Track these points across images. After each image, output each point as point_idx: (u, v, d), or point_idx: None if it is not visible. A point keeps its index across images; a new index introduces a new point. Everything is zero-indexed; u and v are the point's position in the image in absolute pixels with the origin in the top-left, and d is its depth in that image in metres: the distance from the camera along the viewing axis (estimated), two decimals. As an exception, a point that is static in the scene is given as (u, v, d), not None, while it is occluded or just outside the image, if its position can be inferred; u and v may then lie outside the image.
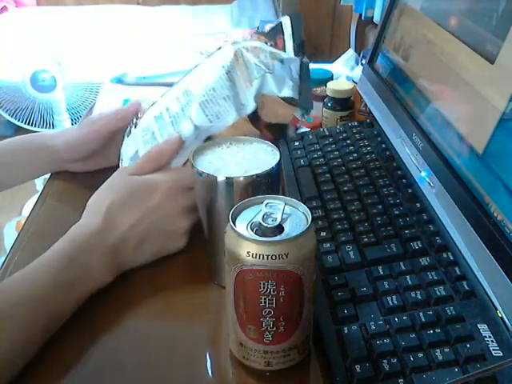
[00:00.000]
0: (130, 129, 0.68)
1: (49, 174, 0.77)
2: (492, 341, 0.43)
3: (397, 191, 0.62)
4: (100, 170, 0.75)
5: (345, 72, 1.10)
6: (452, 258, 0.51)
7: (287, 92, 0.59)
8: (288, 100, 0.59)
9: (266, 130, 0.58)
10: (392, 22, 0.78)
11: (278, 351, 0.45)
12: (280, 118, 0.61)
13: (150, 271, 0.59)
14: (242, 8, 2.45)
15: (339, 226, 0.59)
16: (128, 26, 2.40)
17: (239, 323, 0.45)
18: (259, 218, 0.42)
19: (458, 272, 0.49)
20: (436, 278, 0.49)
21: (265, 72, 0.59)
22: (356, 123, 0.81)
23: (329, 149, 0.75)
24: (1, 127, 2.48)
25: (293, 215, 0.43)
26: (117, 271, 0.56)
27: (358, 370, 0.43)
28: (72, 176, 0.76)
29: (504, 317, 0.43)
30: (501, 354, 0.42)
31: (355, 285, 0.51)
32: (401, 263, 0.52)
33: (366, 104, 0.82)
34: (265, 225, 0.41)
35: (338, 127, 0.81)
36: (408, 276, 0.50)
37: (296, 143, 0.79)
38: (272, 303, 0.42)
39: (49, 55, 2.06)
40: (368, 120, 0.81)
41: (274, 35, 0.68)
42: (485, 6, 0.55)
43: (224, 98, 0.59)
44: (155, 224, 0.57)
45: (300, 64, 0.63)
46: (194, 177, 0.53)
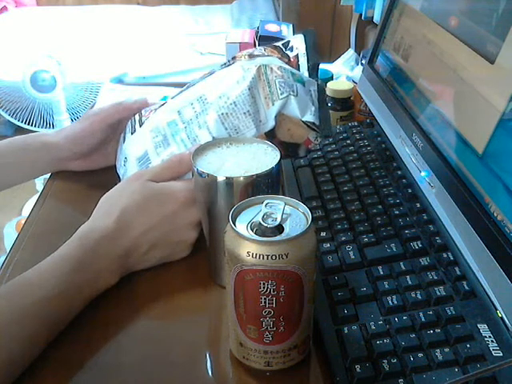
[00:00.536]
0: (134, 127, 0.67)
1: (49, 174, 0.77)
2: (492, 341, 0.43)
3: (397, 191, 0.62)
4: (99, 170, 0.75)
5: (345, 72, 1.10)
6: (452, 258, 0.51)
7: (309, 117, 0.61)
8: (308, 123, 0.61)
9: (280, 148, 0.59)
10: (392, 22, 0.78)
11: (278, 351, 0.45)
12: (295, 139, 0.62)
13: (151, 271, 0.59)
14: (242, 8, 2.46)
15: (339, 226, 0.59)
16: (128, 26, 2.41)
17: (239, 323, 0.45)
18: (259, 218, 0.42)
19: (458, 272, 0.49)
20: (436, 278, 0.49)
21: (289, 94, 0.60)
22: (356, 123, 0.81)
23: (329, 149, 0.75)
24: (1, 127, 2.48)
25: (293, 215, 0.43)
26: (123, 274, 0.56)
27: (358, 370, 0.43)
28: (72, 176, 0.76)
29: (504, 317, 0.43)
30: (501, 354, 0.42)
31: (355, 285, 0.51)
32: (401, 263, 0.52)
33: (366, 104, 0.82)
34: (265, 225, 0.41)
35: (338, 127, 0.81)
36: (408, 276, 0.50)
37: (296, 143, 0.79)
38: (272, 303, 0.42)
39: (49, 55, 2.06)
40: (368, 120, 0.81)
41: (286, 50, 0.68)
42: (485, 6, 0.55)
43: (245, 114, 0.60)
44: (167, 232, 0.56)
45: (317, 87, 0.64)
46: (194, 177, 0.53)
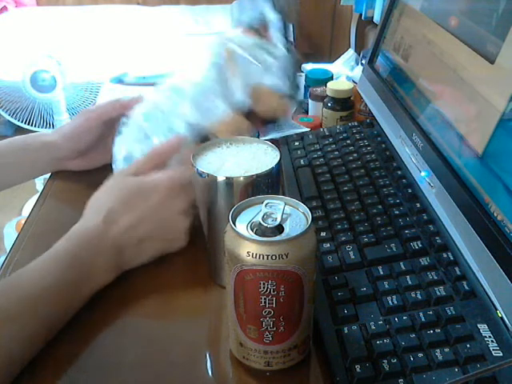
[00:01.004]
0: (121, 128, 0.68)
1: (49, 174, 0.77)
2: (492, 341, 0.43)
3: (397, 191, 0.62)
4: (99, 170, 0.75)
5: (345, 72, 1.10)
6: (452, 258, 0.51)
7: (276, 81, 0.59)
8: (284, 95, 0.60)
9: (257, 120, 0.58)
10: (392, 22, 0.78)
11: (278, 351, 0.45)
12: (276, 111, 0.61)
13: (150, 271, 0.59)
14: (242, 8, 2.45)
15: (339, 226, 0.59)
16: (128, 26, 2.40)
17: (239, 323, 0.45)
18: (259, 218, 0.42)
19: (458, 272, 0.49)
20: (436, 278, 0.49)
21: (251, 63, 0.59)
22: (356, 123, 0.81)
23: (329, 149, 0.75)
24: (1, 127, 2.48)
25: (293, 215, 0.43)
26: (119, 270, 0.56)
27: (358, 370, 0.43)
28: (72, 176, 0.76)
29: (504, 317, 0.43)
30: (501, 354, 0.42)
31: (355, 285, 0.51)
32: (401, 263, 0.52)
33: (366, 104, 0.82)
34: (265, 225, 0.41)
35: (338, 127, 0.81)
36: (408, 276, 0.50)
37: (296, 143, 0.79)
38: (272, 303, 0.42)
39: (49, 55, 2.06)
40: (368, 120, 0.81)
41: (264, 26, 0.68)
42: (485, 6, 0.55)
43: (215, 94, 0.60)
44: (155, 223, 0.57)
45: (291, 58, 0.63)
46: (194, 177, 0.53)
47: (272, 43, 0.65)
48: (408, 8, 0.74)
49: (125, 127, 0.67)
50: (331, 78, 0.94)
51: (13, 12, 2.70)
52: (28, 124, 2.14)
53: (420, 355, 0.43)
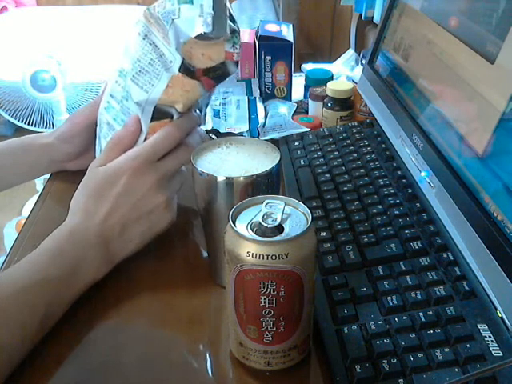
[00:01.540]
0: (96, 129, 0.68)
1: (49, 174, 0.77)
2: (492, 341, 0.43)
3: (397, 191, 0.62)
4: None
5: (345, 72, 1.09)
6: (452, 258, 0.51)
7: (200, 29, 0.56)
8: (208, 37, 0.56)
9: (205, 78, 0.55)
10: (392, 22, 0.78)
11: (278, 351, 0.45)
12: (213, 58, 0.57)
13: (151, 271, 0.59)
14: (242, 8, 2.45)
15: (339, 226, 0.59)
16: (128, 26, 2.40)
17: (239, 323, 0.45)
18: (259, 218, 0.42)
19: (458, 272, 0.49)
20: (436, 278, 0.49)
21: (172, 19, 0.56)
22: (356, 123, 0.81)
23: (329, 149, 0.75)
24: (1, 127, 2.48)
25: (293, 215, 0.43)
26: (110, 263, 0.56)
27: (358, 370, 0.43)
28: (72, 176, 0.75)
29: (504, 317, 0.43)
30: (501, 354, 0.42)
31: (355, 285, 0.51)
32: (401, 263, 0.52)
33: (366, 104, 0.82)
34: (265, 225, 0.41)
35: (338, 127, 0.81)
36: (408, 276, 0.50)
37: (296, 143, 0.79)
38: (272, 303, 0.42)
39: (49, 55, 2.06)
40: (368, 120, 0.81)
41: None
42: (485, 6, 0.55)
43: (150, 64, 0.58)
44: (130, 206, 0.56)
45: None
46: (194, 177, 0.53)
47: None
48: (408, 8, 0.74)
49: (98, 127, 0.67)
50: (331, 78, 0.94)
51: (13, 12, 2.70)
52: (28, 124, 2.14)
53: (420, 355, 0.43)
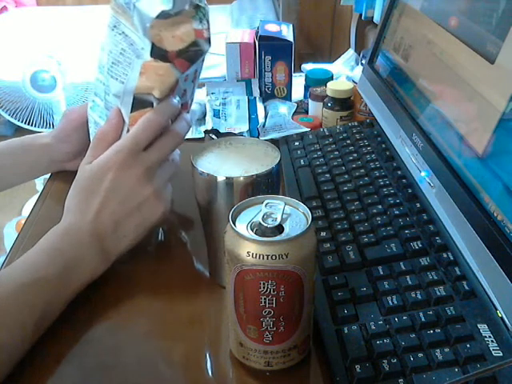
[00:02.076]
0: (88, 130, 0.68)
1: (49, 174, 0.77)
2: (492, 341, 0.43)
3: (397, 191, 0.62)
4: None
5: (345, 72, 1.09)
6: (452, 258, 0.51)
7: (160, 7, 0.54)
8: (170, 15, 0.55)
9: (179, 59, 0.54)
10: (392, 22, 0.78)
11: (278, 351, 0.45)
12: (186, 39, 0.56)
13: (150, 271, 0.59)
14: (242, 8, 2.45)
15: (339, 226, 0.59)
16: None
17: (239, 323, 0.45)
18: (259, 218, 0.42)
19: (458, 272, 0.49)
20: (436, 278, 0.49)
21: (133, 4, 0.55)
22: (356, 123, 0.81)
23: (329, 149, 0.75)
24: (1, 127, 2.48)
25: (293, 215, 0.43)
26: (107, 259, 0.56)
27: (358, 370, 0.43)
28: (72, 176, 0.75)
29: (504, 317, 0.43)
30: (501, 354, 0.42)
31: (355, 285, 0.51)
32: (401, 263, 0.52)
33: (366, 104, 0.82)
34: (265, 225, 0.41)
35: (338, 127, 0.81)
36: (408, 276, 0.50)
37: (296, 143, 0.79)
38: (272, 303, 0.42)
39: (49, 55, 2.06)
40: (368, 120, 0.81)
41: None
42: (485, 6, 0.55)
43: (121, 54, 0.57)
44: (119, 200, 0.55)
45: None
46: (194, 177, 0.53)
47: None
48: (408, 8, 0.74)
49: (89, 127, 0.67)
50: (331, 78, 0.94)
51: (13, 12, 2.70)
52: (28, 124, 2.14)
53: (420, 355, 0.43)
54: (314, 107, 0.90)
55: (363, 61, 1.00)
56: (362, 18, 1.28)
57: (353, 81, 0.95)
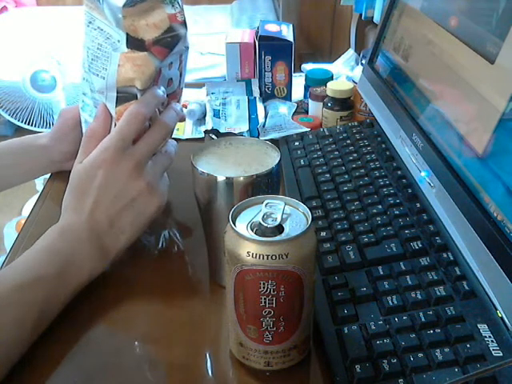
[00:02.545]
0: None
1: (49, 174, 0.77)
2: (492, 341, 0.43)
3: (397, 191, 0.62)
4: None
5: (345, 72, 1.09)
6: (452, 258, 0.51)
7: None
8: (137, 1, 0.54)
9: (155, 47, 0.54)
10: (392, 22, 0.78)
11: (278, 351, 0.45)
12: (160, 26, 0.55)
13: (150, 271, 0.59)
14: (242, 8, 2.45)
15: (339, 226, 0.59)
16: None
17: (239, 323, 0.45)
18: (259, 218, 0.42)
19: (458, 272, 0.49)
20: (436, 278, 0.49)
21: None
22: (356, 123, 0.81)
23: (329, 149, 0.75)
24: (1, 127, 2.48)
25: (293, 215, 0.43)
26: (105, 257, 0.55)
27: (358, 370, 0.43)
28: (72, 176, 0.76)
29: (504, 317, 0.43)
30: (501, 354, 0.42)
31: (355, 285, 0.51)
32: (401, 263, 0.52)
33: (366, 104, 0.82)
34: (265, 225, 0.41)
35: (338, 127, 0.81)
36: (408, 276, 0.50)
37: (296, 143, 0.79)
38: (272, 303, 0.42)
39: (49, 55, 2.06)
40: (368, 120, 0.81)
41: None
42: (485, 6, 0.55)
43: (98, 49, 0.57)
44: (114, 198, 0.55)
45: None
46: (194, 177, 0.53)
47: None
48: (408, 8, 0.74)
49: (82, 127, 0.66)
50: (331, 78, 0.94)
51: (13, 12, 2.70)
52: (28, 124, 2.14)
53: (420, 355, 0.43)
54: (314, 107, 0.90)
55: (363, 61, 1.00)
56: (362, 18, 1.28)
57: (353, 81, 0.95)
